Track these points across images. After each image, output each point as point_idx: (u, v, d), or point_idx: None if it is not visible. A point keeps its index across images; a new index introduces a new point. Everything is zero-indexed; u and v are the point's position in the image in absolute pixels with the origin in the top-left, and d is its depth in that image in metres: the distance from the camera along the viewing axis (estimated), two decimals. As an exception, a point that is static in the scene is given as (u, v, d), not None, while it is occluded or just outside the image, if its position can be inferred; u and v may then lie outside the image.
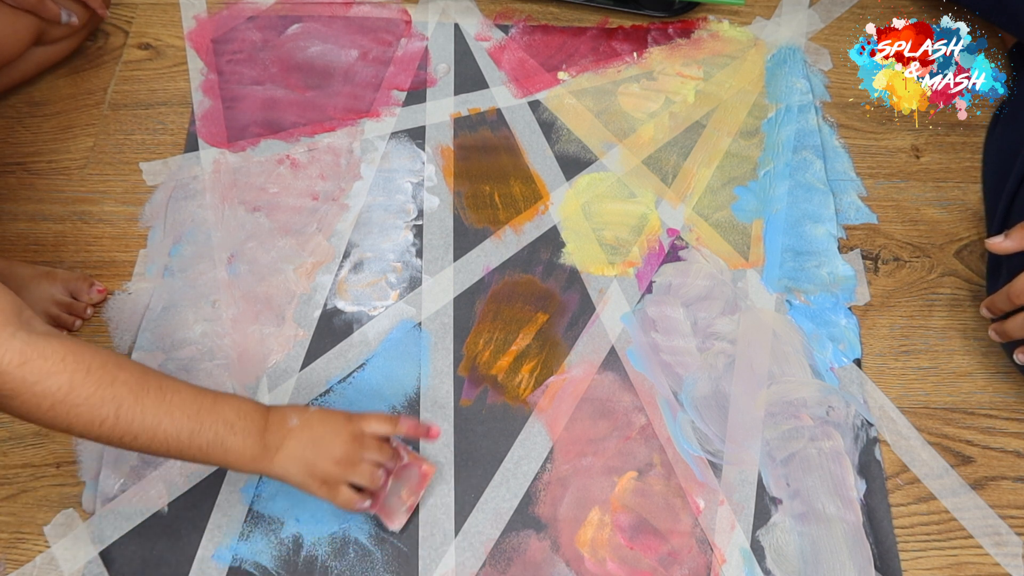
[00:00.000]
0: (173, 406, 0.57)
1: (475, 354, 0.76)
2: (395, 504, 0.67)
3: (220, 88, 0.92)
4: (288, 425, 0.62)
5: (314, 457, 0.61)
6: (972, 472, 0.71)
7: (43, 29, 0.86)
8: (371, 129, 0.89)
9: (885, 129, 0.89)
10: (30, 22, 0.84)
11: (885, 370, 0.76)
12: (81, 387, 0.54)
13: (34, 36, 0.85)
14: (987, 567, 0.67)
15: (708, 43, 0.96)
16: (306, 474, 0.61)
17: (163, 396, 0.57)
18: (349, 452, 0.62)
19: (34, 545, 0.68)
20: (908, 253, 0.82)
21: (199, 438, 0.58)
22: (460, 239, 0.83)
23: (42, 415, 0.54)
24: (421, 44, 0.95)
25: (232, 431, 0.59)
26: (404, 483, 0.68)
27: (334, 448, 0.62)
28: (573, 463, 0.71)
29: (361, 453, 0.63)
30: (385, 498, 0.67)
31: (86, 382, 0.54)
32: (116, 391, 0.55)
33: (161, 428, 0.57)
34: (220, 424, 0.59)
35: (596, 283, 0.80)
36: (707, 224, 0.83)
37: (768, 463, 0.71)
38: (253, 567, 0.67)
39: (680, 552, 0.68)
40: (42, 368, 0.53)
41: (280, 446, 0.61)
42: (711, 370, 0.75)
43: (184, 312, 0.78)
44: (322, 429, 0.63)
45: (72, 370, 0.54)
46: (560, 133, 0.89)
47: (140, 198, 0.85)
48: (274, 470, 0.61)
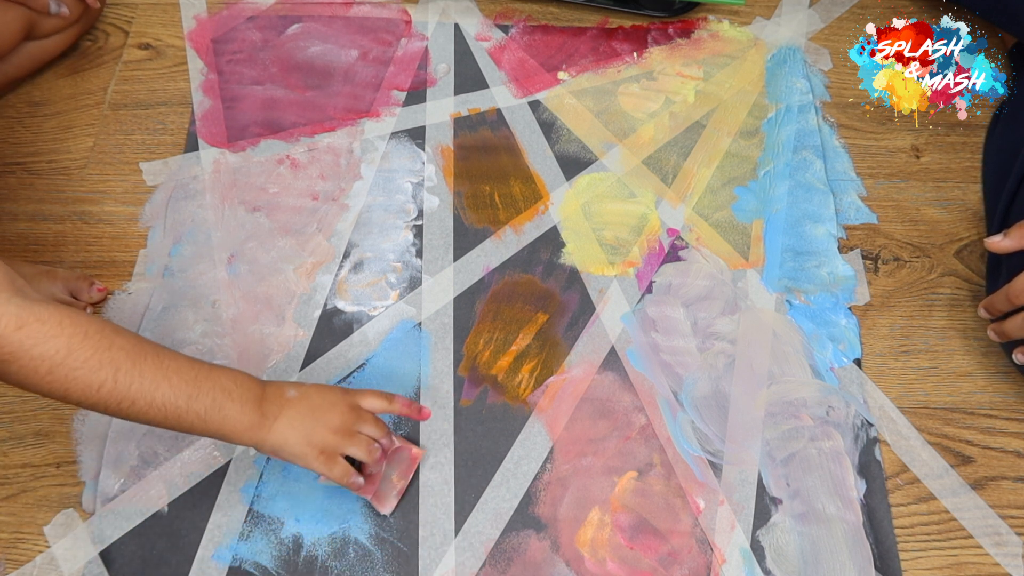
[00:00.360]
0: (170, 371, 0.57)
1: (475, 354, 0.76)
2: (386, 488, 0.68)
3: (220, 88, 0.92)
4: (286, 396, 0.62)
5: (312, 426, 0.61)
6: (972, 472, 0.71)
7: (34, 21, 0.85)
8: (371, 129, 0.89)
9: (885, 129, 0.89)
10: (20, 13, 0.83)
11: (885, 370, 0.76)
12: (79, 350, 0.54)
13: (25, 28, 0.85)
14: (987, 567, 0.67)
15: (708, 43, 0.96)
16: (304, 443, 0.61)
17: (160, 361, 0.57)
18: (347, 422, 0.63)
19: (34, 545, 0.68)
20: (908, 253, 0.82)
21: (196, 404, 0.58)
22: (460, 239, 0.83)
23: (40, 380, 0.54)
24: (421, 44, 0.96)
25: (230, 398, 0.59)
26: (394, 467, 0.69)
27: (332, 418, 0.62)
28: (573, 463, 0.71)
29: (358, 425, 0.64)
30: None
31: (84, 345, 0.54)
32: (113, 355, 0.55)
33: (159, 393, 0.56)
34: (217, 390, 0.59)
35: (596, 283, 0.80)
36: (707, 224, 0.83)
37: (768, 463, 0.71)
38: (253, 567, 0.67)
39: (680, 552, 0.68)
40: (39, 332, 0.53)
41: (278, 415, 0.61)
42: (711, 370, 0.75)
43: (184, 312, 0.78)
44: (319, 400, 0.63)
45: (69, 334, 0.53)
46: (560, 133, 0.89)
47: (140, 198, 0.85)
48: (271, 439, 0.60)
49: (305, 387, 0.64)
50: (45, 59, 0.91)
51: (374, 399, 0.66)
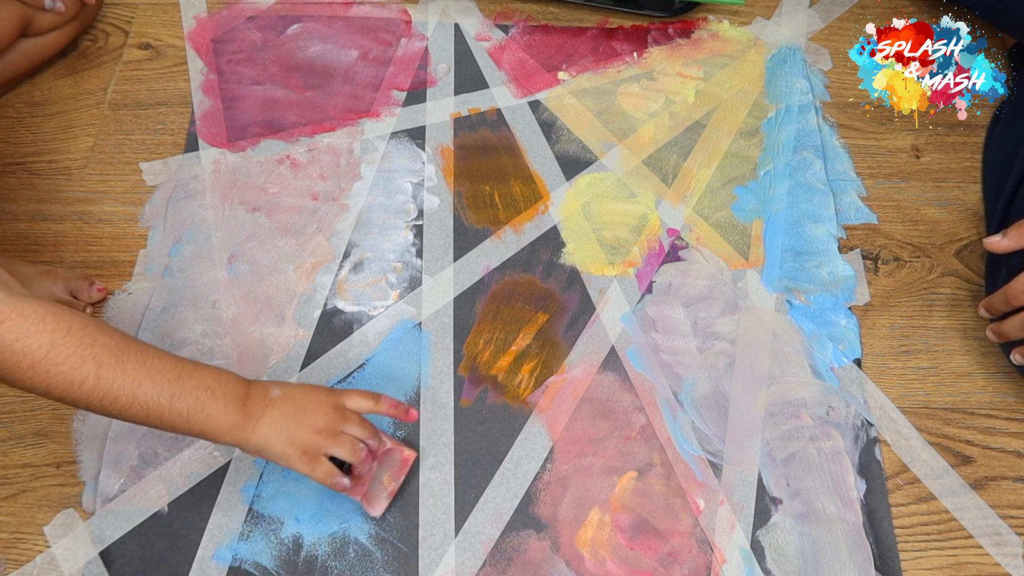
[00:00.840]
0: (154, 369, 0.57)
1: (475, 354, 0.76)
2: (376, 490, 0.68)
3: (220, 88, 0.92)
4: (270, 396, 0.62)
5: (295, 426, 0.61)
6: (972, 472, 0.71)
7: (29, 17, 0.85)
8: (371, 129, 0.89)
9: (885, 129, 0.89)
10: (14, 8, 0.83)
11: (885, 370, 0.76)
12: (61, 346, 0.54)
13: (20, 24, 0.84)
14: (987, 567, 0.67)
15: (708, 43, 0.96)
16: (287, 443, 0.61)
17: (143, 359, 0.57)
18: (331, 423, 0.62)
19: (34, 545, 0.68)
20: (908, 253, 0.82)
21: (179, 402, 0.57)
22: (460, 239, 0.83)
23: (22, 375, 0.54)
24: (421, 44, 0.96)
25: (213, 397, 0.59)
26: (386, 469, 0.68)
27: (315, 418, 0.62)
28: (573, 463, 0.71)
29: (343, 426, 0.63)
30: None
31: (66, 341, 0.54)
32: (96, 352, 0.55)
33: (142, 390, 0.56)
34: (201, 389, 0.58)
35: (596, 283, 0.80)
36: (707, 224, 0.83)
37: (768, 463, 0.71)
38: (253, 567, 0.67)
39: (680, 552, 0.68)
40: (21, 326, 0.53)
41: (261, 415, 0.60)
42: (711, 370, 0.75)
43: (184, 312, 0.78)
44: (303, 400, 0.63)
45: (52, 329, 0.53)
46: (560, 133, 0.89)
47: (140, 198, 0.85)
48: (254, 440, 0.60)
49: (290, 387, 0.63)
50: (43, 57, 0.91)
51: (360, 399, 0.65)
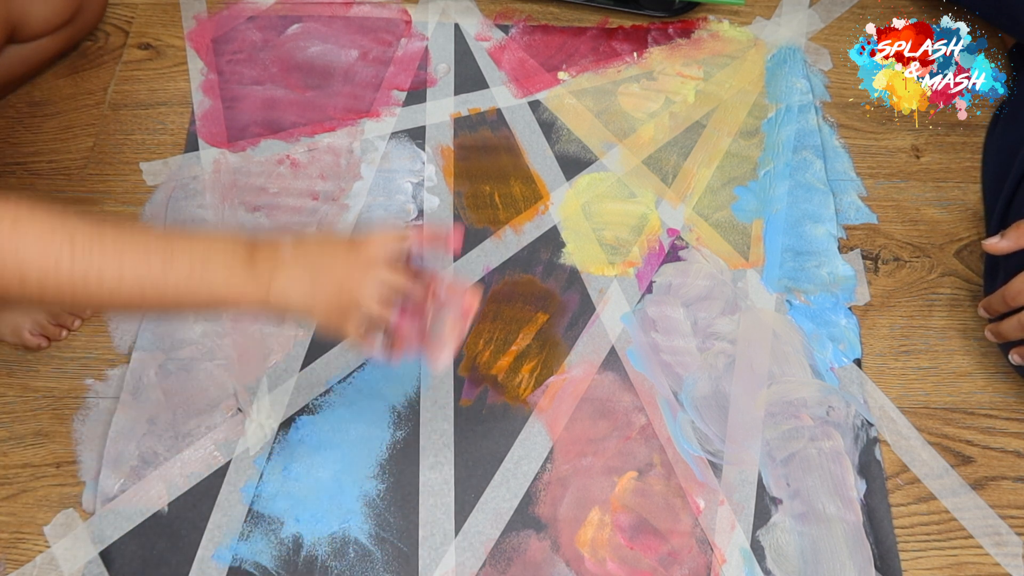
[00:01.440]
0: (136, 237, 0.51)
1: (475, 354, 0.76)
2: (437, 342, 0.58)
3: (220, 88, 0.92)
4: (280, 251, 0.54)
5: (313, 278, 0.54)
6: (972, 472, 0.71)
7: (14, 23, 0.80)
8: (371, 129, 0.89)
9: (885, 129, 0.89)
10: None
11: (885, 370, 0.76)
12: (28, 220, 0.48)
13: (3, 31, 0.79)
14: (987, 567, 0.67)
15: (708, 43, 0.96)
16: (308, 296, 0.54)
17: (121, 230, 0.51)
18: (352, 273, 0.54)
19: (34, 545, 0.68)
20: (908, 253, 0.82)
21: (174, 270, 0.50)
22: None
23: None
24: (421, 44, 0.96)
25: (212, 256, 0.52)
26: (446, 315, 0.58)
27: (336, 268, 0.54)
28: (573, 463, 0.71)
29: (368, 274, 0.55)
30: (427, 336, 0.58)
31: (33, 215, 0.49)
32: (68, 220, 0.49)
33: (127, 261, 0.50)
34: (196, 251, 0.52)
35: (596, 283, 0.80)
36: (707, 224, 0.83)
37: (768, 463, 0.71)
38: (253, 567, 0.67)
39: (680, 552, 0.68)
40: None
41: (274, 271, 0.53)
42: (711, 370, 0.75)
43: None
44: (319, 250, 0.56)
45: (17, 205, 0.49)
46: (560, 133, 0.89)
47: (140, 198, 0.85)
48: (272, 298, 0.53)
49: (303, 239, 0.57)
50: (34, 64, 0.89)
51: (382, 242, 0.55)
